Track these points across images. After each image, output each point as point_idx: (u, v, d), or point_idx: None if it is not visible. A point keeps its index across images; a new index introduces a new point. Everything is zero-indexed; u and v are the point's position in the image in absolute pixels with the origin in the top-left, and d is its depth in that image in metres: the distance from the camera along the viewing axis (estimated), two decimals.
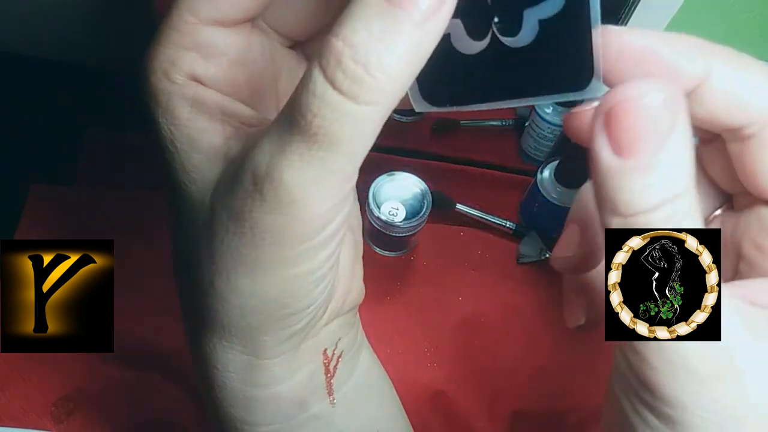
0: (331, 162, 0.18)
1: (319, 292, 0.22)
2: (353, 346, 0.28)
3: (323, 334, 0.25)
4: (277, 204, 0.19)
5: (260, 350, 0.23)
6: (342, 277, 0.25)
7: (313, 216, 0.19)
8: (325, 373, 0.26)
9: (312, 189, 0.18)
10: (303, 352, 0.25)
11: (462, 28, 0.19)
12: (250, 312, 0.22)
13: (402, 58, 0.17)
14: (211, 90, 0.22)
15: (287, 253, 0.20)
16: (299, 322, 0.23)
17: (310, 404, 0.26)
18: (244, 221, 0.20)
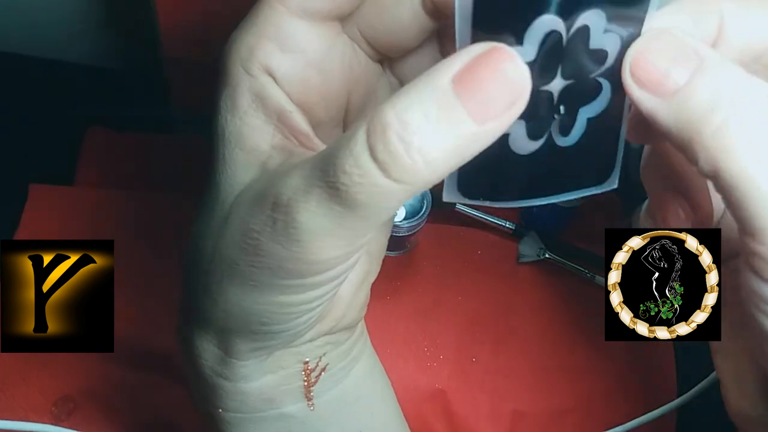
0: (347, 220, 0.18)
1: (301, 322, 0.23)
2: (344, 359, 0.28)
3: (305, 349, 0.26)
4: (284, 237, 0.19)
5: (231, 350, 0.24)
6: (338, 303, 0.25)
7: (314, 261, 0.19)
8: (305, 381, 0.26)
9: (320, 237, 0.19)
10: (277, 360, 0.25)
11: (524, 129, 0.19)
12: (230, 317, 0.22)
13: (448, 151, 0.17)
14: (278, 89, 0.21)
15: (279, 281, 0.20)
16: (274, 339, 0.23)
17: (282, 404, 0.27)
18: (250, 237, 0.20)
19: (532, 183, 0.22)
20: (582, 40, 0.18)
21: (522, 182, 0.22)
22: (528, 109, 0.18)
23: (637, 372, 0.52)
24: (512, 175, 0.21)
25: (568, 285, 0.56)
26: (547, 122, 0.20)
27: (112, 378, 0.45)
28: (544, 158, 0.21)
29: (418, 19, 0.22)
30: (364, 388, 0.29)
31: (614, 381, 0.51)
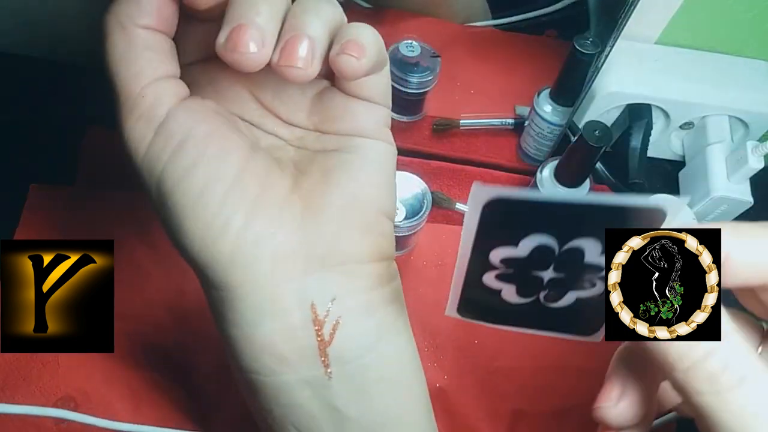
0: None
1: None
2: (363, 319, 0.27)
3: (307, 286, 0.26)
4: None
5: (222, 278, 0.25)
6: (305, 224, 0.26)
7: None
8: (317, 336, 0.26)
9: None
10: (272, 294, 0.25)
11: (514, 289, 0.23)
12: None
13: None
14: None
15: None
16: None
17: (297, 366, 0.26)
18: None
19: (522, 318, 0.26)
20: (575, 256, 0.22)
21: (513, 316, 0.26)
22: (517, 280, 0.22)
23: None
24: (504, 311, 0.25)
25: None
26: (534, 290, 0.23)
27: (112, 378, 0.45)
28: (534, 310, 0.25)
29: None
30: (389, 369, 0.28)
31: None
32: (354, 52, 0.24)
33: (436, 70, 0.58)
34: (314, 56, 0.24)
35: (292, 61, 0.23)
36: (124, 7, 0.25)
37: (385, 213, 0.28)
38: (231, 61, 0.23)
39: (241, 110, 0.29)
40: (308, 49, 0.24)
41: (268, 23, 0.24)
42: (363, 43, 0.24)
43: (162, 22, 0.25)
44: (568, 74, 0.54)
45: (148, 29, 0.25)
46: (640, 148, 0.57)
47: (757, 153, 0.53)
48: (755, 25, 0.56)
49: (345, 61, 0.24)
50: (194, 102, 0.26)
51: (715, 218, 0.58)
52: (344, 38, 0.25)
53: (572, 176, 0.53)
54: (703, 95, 0.57)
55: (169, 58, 0.26)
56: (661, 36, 0.59)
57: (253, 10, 0.23)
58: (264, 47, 0.23)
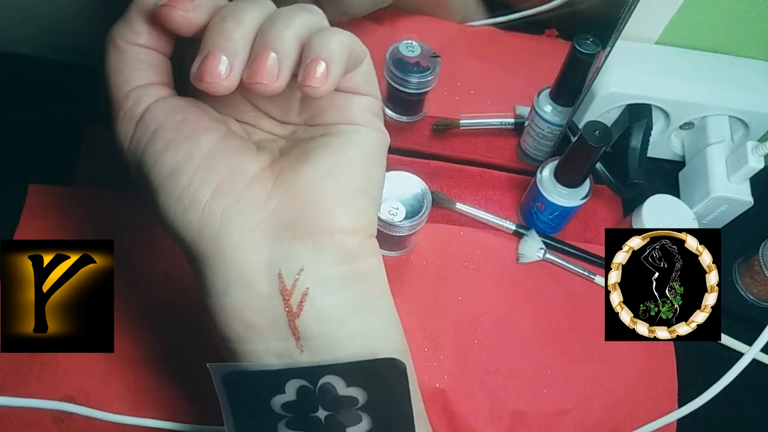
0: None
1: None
2: (332, 290, 0.27)
3: (275, 256, 0.26)
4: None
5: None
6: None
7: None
8: (285, 306, 0.26)
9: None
10: (234, 256, 0.26)
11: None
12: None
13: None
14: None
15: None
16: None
17: (265, 335, 0.26)
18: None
19: None
20: (329, 390, 0.27)
21: None
22: (305, 426, 0.27)
23: (638, 373, 0.52)
24: None
25: (568, 285, 0.56)
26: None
27: (112, 378, 0.45)
28: None
29: None
30: (364, 348, 0.28)
31: (614, 381, 0.51)
32: (314, 81, 0.25)
33: (436, 70, 0.58)
34: (280, 71, 0.25)
35: (258, 78, 0.25)
36: (119, 27, 0.28)
37: (364, 192, 0.28)
38: (203, 89, 0.25)
39: (237, 113, 0.31)
40: (274, 65, 0.25)
41: (238, 47, 0.25)
42: (326, 60, 0.25)
43: (153, 41, 0.28)
44: (568, 74, 0.54)
45: (139, 46, 0.28)
46: (640, 148, 0.57)
47: (757, 153, 0.53)
48: (755, 25, 0.56)
49: (308, 91, 0.25)
50: (173, 98, 0.29)
51: (715, 218, 0.58)
52: (309, 56, 0.25)
53: (572, 176, 0.52)
54: (703, 95, 0.57)
55: (157, 70, 0.29)
56: (661, 36, 0.59)
57: (224, 37, 0.25)
58: (232, 71, 0.25)
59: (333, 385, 0.27)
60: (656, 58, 0.58)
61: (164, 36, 0.28)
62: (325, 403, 0.27)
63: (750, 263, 0.57)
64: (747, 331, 0.54)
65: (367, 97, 0.30)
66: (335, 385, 0.27)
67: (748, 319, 0.57)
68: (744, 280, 0.58)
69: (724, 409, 0.48)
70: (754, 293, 0.57)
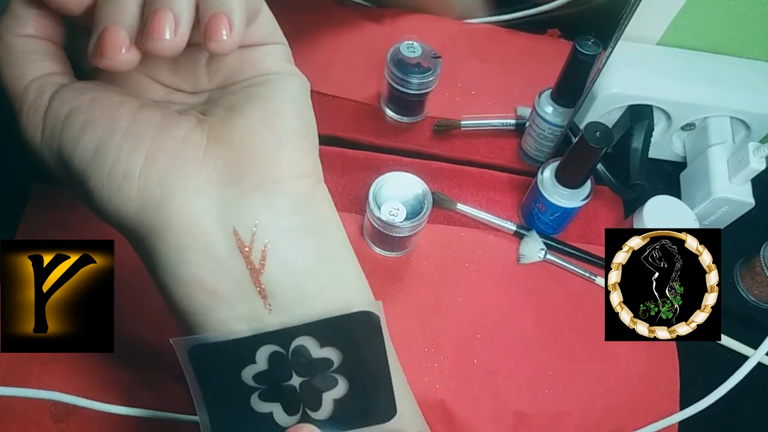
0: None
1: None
2: (297, 245, 0.26)
3: (226, 213, 0.25)
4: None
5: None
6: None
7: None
8: (247, 264, 0.25)
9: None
10: (193, 228, 0.25)
11: (281, 408, 0.26)
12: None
13: None
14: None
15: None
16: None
17: (230, 299, 0.25)
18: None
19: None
20: (301, 353, 0.26)
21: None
22: (279, 396, 0.26)
23: (639, 374, 0.52)
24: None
25: (569, 286, 0.56)
26: (296, 405, 0.26)
27: (112, 377, 0.45)
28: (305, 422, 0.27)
29: None
30: (333, 295, 0.27)
31: (615, 382, 0.51)
32: (218, 35, 0.24)
33: (437, 71, 0.58)
34: (178, 26, 0.24)
35: (156, 34, 0.23)
36: (5, 21, 0.26)
37: (303, 136, 0.27)
38: (104, 65, 0.24)
39: (147, 94, 0.29)
40: (170, 21, 0.24)
41: (133, 16, 0.24)
42: (226, 13, 0.24)
43: (42, 29, 0.26)
44: (569, 75, 0.54)
45: (28, 37, 0.26)
46: (641, 149, 0.57)
47: (759, 154, 0.53)
48: (757, 26, 0.56)
49: (214, 47, 0.24)
50: (77, 82, 0.27)
51: (716, 219, 0.58)
52: (207, 12, 0.24)
53: (573, 177, 0.52)
54: (705, 96, 0.57)
55: (52, 60, 0.27)
56: (662, 37, 0.59)
57: (117, 8, 0.24)
58: (131, 42, 0.24)
59: (306, 348, 0.26)
60: (658, 59, 0.58)
61: (52, 22, 0.27)
62: (298, 369, 0.26)
63: (751, 264, 0.57)
64: (748, 333, 0.54)
65: (276, 45, 0.29)
66: (308, 347, 0.26)
67: (749, 320, 0.57)
68: (745, 282, 0.58)
69: (725, 410, 0.48)
70: (755, 294, 0.57)
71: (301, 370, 0.26)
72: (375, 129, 0.62)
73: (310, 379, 0.26)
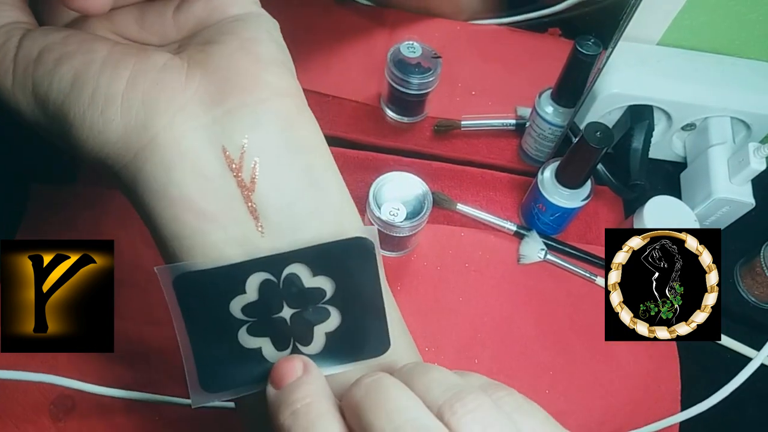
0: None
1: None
2: (288, 164, 0.25)
3: (213, 130, 0.24)
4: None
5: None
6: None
7: None
8: (237, 183, 0.24)
9: None
10: (181, 146, 0.24)
11: (270, 344, 0.25)
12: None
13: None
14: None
15: None
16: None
17: (221, 220, 0.24)
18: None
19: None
20: (293, 282, 0.25)
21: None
22: (268, 330, 0.25)
23: (640, 374, 0.52)
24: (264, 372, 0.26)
25: (569, 286, 0.56)
26: (286, 339, 0.25)
27: (111, 377, 0.45)
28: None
29: None
30: (326, 217, 0.26)
31: (616, 382, 0.51)
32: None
33: (437, 71, 0.58)
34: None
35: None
36: None
37: (282, 63, 0.27)
38: (78, 7, 0.24)
39: None
40: None
41: None
42: None
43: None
44: (569, 75, 0.54)
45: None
46: (641, 149, 0.57)
47: (759, 154, 0.53)
48: (757, 27, 0.56)
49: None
50: (45, 27, 0.27)
51: (716, 220, 0.58)
52: None
53: (573, 177, 0.52)
54: (705, 96, 0.57)
55: (19, 11, 0.27)
56: (663, 37, 0.59)
57: None
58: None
59: (298, 276, 0.25)
60: (658, 59, 0.58)
61: None
62: (290, 299, 0.25)
63: (751, 265, 0.57)
64: (748, 333, 0.54)
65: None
66: (300, 276, 0.25)
67: (750, 320, 0.57)
68: (745, 282, 0.58)
69: (727, 411, 0.48)
70: (755, 295, 0.57)
71: (292, 300, 0.25)
72: (375, 129, 0.62)
73: (301, 311, 0.25)
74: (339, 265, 0.25)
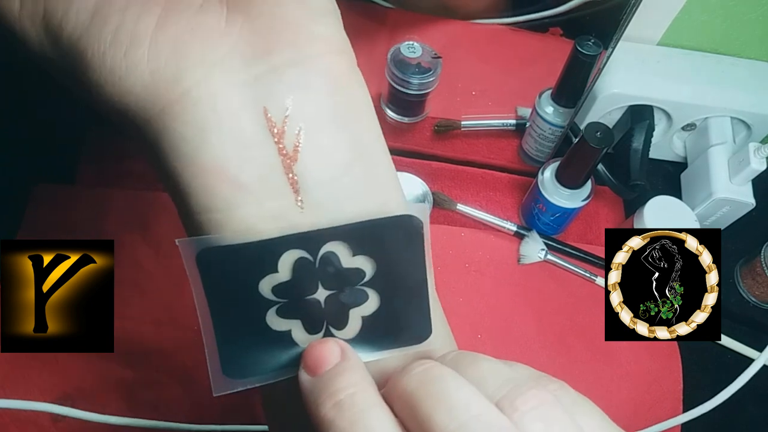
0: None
1: None
2: (335, 134, 0.22)
3: (254, 88, 0.21)
4: None
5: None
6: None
7: None
8: (279, 150, 0.21)
9: None
10: (217, 104, 0.21)
11: (300, 327, 0.23)
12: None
13: None
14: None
15: None
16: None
17: (257, 192, 0.21)
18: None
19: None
20: (331, 261, 0.22)
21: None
22: (299, 312, 0.22)
23: (641, 374, 0.51)
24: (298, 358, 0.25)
25: (569, 286, 0.55)
26: (319, 321, 0.23)
27: (111, 376, 0.45)
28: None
29: None
30: (368, 195, 0.23)
31: (617, 382, 0.51)
32: None
33: (438, 71, 0.58)
34: None
35: None
36: None
37: (331, 11, 0.24)
38: None
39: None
40: None
41: None
42: None
43: None
44: (569, 75, 0.54)
45: None
46: (641, 149, 0.57)
47: (760, 155, 0.53)
48: (757, 27, 0.56)
49: None
50: None
51: (717, 220, 0.58)
52: None
53: (573, 178, 0.52)
54: (706, 97, 0.57)
55: None
56: (663, 37, 0.59)
57: None
58: None
59: (336, 255, 0.22)
60: (658, 60, 0.58)
61: None
62: (326, 280, 0.22)
63: (752, 265, 0.57)
64: (749, 333, 0.54)
65: None
66: (339, 255, 0.22)
67: (750, 321, 0.57)
68: (746, 282, 0.58)
69: (728, 412, 0.48)
70: (756, 295, 0.57)
71: (328, 281, 0.23)
72: None
73: (337, 293, 0.23)
74: (381, 245, 0.23)
